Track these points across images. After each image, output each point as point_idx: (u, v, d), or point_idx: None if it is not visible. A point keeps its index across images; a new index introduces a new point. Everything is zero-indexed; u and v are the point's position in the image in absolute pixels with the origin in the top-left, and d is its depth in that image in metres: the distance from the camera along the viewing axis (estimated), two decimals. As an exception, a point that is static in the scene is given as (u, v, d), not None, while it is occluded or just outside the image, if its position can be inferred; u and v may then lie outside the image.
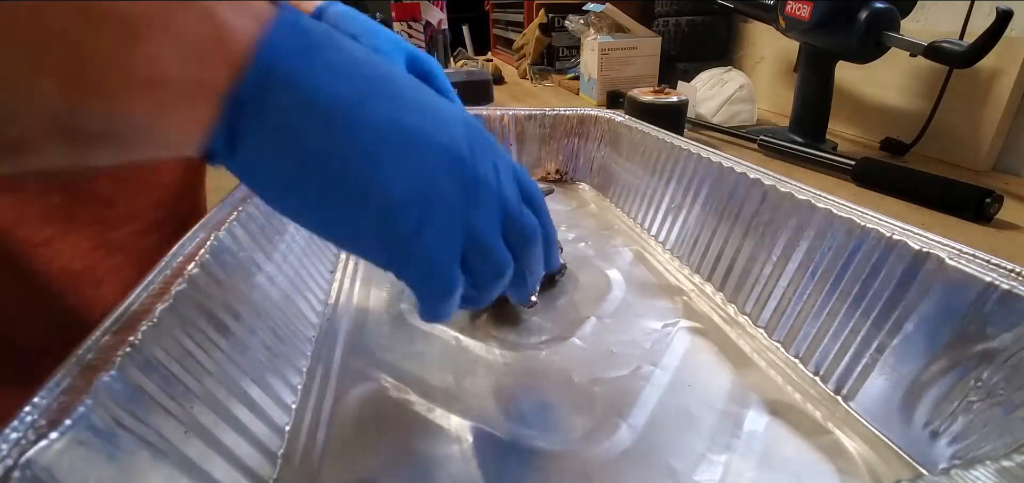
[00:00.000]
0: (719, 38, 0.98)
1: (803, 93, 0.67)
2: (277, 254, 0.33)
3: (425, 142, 0.20)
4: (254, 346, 0.26)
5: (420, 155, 0.20)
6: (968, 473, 0.15)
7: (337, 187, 0.19)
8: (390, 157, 0.19)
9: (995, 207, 0.45)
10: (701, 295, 0.38)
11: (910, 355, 0.25)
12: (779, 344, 0.32)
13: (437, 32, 1.17)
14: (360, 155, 0.18)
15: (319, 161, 0.18)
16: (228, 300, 0.26)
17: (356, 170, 0.18)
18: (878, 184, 0.53)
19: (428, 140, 0.20)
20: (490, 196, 0.21)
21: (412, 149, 0.19)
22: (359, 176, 0.18)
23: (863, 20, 0.56)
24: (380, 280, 0.40)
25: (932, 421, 0.23)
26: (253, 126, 0.17)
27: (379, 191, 0.19)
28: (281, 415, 0.26)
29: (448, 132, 0.20)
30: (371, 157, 0.19)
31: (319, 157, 0.18)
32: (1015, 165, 0.58)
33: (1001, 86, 0.56)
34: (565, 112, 0.61)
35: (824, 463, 0.24)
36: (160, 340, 0.20)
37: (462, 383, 0.29)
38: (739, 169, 0.37)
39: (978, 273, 0.23)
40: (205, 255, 0.25)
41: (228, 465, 0.21)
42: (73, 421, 0.16)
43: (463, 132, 0.21)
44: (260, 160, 0.18)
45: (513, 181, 0.23)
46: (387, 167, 0.19)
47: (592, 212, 0.54)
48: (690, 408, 0.27)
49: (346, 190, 0.19)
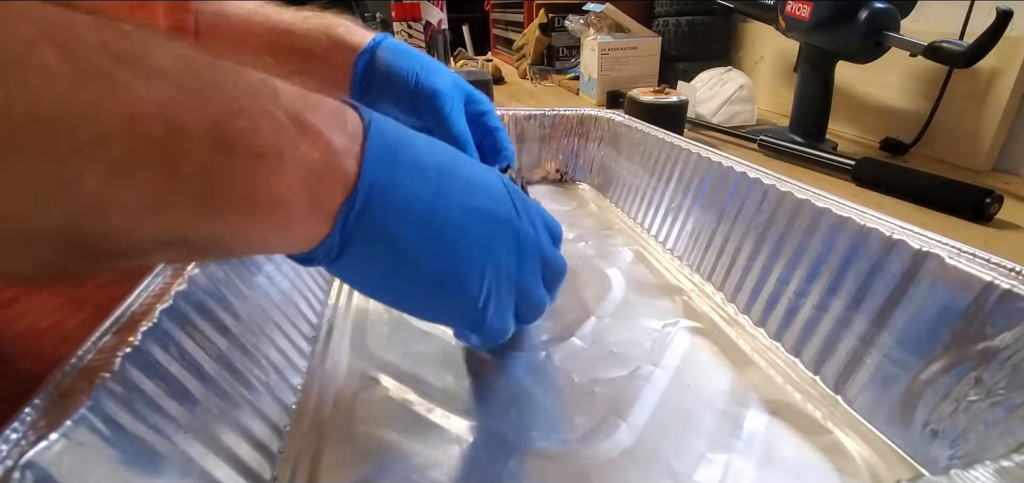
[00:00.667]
0: (719, 38, 0.98)
1: (803, 93, 0.67)
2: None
3: (491, 218, 0.23)
4: (254, 346, 0.26)
5: (488, 232, 0.22)
6: (968, 473, 0.15)
7: (428, 278, 0.21)
8: (466, 241, 0.21)
9: (995, 207, 0.45)
10: (701, 295, 0.38)
11: (910, 355, 0.25)
12: (779, 344, 0.32)
13: (437, 32, 1.17)
14: (445, 248, 0.21)
15: (413, 258, 0.20)
16: (228, 300, 0.26)
17: (442, 262, 0.21)
18: (878, 184, 0.53)
19: (493, 216, 0.23)
20: (533, 249, 0.25)
21: (482, 227, 0.22)
22: (444, 267, 0.21)
23: (863, 20, 0.56)
24: (380, 280, 0.40)
25: (932, 421, 0.23)
26: (358, 236, 0.19)
27: (460, 277, 0.22)
28: (281, 415, 0.26)
29: (501, 203, 0.23)
30: (453, 247, 0.21)
31: (413, 255, 0.20)
32: (1015, 165, 0.58)
33: (1001, 86, 0.56)
34: (565, 112, 0.61)
35: (824, 463, 0.24)
36: (160, 340, 0.20)
37: (462, 383, 0.29)
38: (739, 169, 0.37)
39: (978, 273, 0.23)
40: (205, 255, 0.25)
41: (228, 465, 0.21)
42: (73, 422, 0.16)
43: (507, 195, 0.24)
44: (361, 263, 0.20)
45: (544, 227, 0.27)
46: (464, 251, 0.21)
47: (592, 212, 0.54)
48: (690, 408, 0.27)
49: (435, 280, 0.21)
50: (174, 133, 0.14)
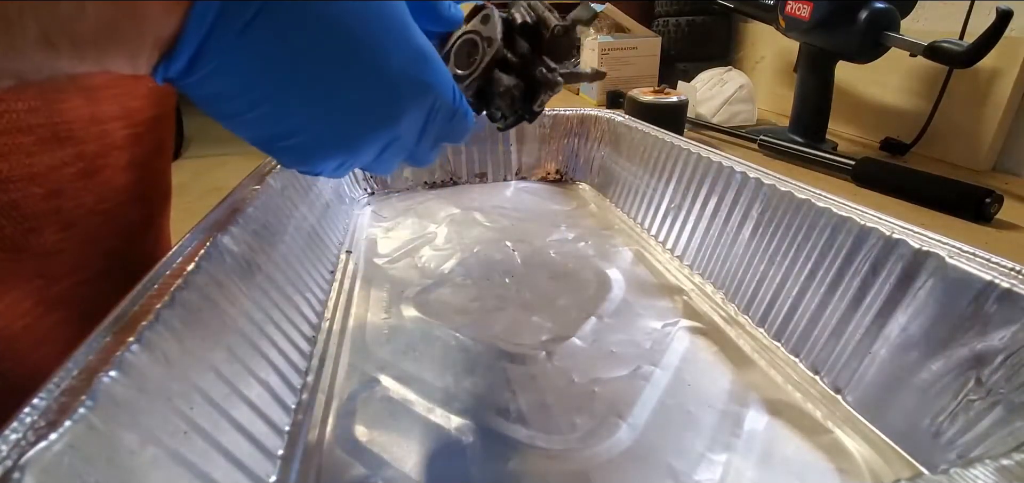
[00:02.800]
0: (719, 38, 0.98)
1: (803, 93, 0.67)
2: (277, 254, 0.33)
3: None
4: (254, 346, 0.26)
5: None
6: (968, 472, 0.15)
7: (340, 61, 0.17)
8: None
9: (995, 207, 0.46)
10: (701, 294, 0.38)
11: (910, 354, 0.25)
12: (779, 343, 0.32)
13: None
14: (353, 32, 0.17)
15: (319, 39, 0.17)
16: (228, 300, 0.26)
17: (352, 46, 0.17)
18: (878, 184, 0.53)
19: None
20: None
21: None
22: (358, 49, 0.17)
23: (863, 20, 0.56)
24: (380, 281, 0.40)
25: (932, 420, 0.23)
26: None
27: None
28: (281, 415, 0.26)
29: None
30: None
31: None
32: (1015, 165, 0.58)
33: (1001, 86, 0.56)
34: (565, 112, 0.61)
35: (824, 462, 0.24)
36: (160, 340, 0.20)
37: (462, 383, 0.29)
38: (739, 169, 0.37)
39: (978, 272, 0.23)
40: (204, 256, 0.25)
41: (228, 465, 0.21)
42: (73, 422, 0.16)
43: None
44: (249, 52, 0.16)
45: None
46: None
47: (592, 212, 0.54)
48: (690, 408, 0.27)
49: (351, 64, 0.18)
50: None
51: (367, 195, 0.57)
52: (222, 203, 0.32)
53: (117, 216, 0.34)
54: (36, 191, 0.28)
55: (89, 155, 0.30)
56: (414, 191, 0.59)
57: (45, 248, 0.30)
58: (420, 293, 0.38)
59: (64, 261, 0.31)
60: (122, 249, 0.35)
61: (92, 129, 0.30)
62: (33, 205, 0.28)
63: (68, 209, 0.30)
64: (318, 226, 0.42)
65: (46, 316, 0.31)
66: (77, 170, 0.29)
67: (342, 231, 0.48)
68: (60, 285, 0.31)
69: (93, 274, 0.33)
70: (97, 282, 0.33)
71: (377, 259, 0.44)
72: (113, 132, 0.31)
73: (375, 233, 0.49)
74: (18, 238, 0.28)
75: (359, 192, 0.57)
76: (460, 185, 0.60)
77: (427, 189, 0.59)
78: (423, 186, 0.60)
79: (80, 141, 0.29)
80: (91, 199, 0.31)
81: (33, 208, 0.28)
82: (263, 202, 0.33)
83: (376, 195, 0.58)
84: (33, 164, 0.27)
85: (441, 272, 0.41)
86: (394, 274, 0.41)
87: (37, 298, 0.30)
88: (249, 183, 0.34)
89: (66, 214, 0.30)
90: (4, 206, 0.27)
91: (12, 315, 0.29)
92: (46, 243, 0.30)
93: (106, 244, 0.33)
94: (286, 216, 0.36)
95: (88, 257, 0.32)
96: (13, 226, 0.28)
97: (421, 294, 0.38)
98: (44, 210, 0.28)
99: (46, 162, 0.28)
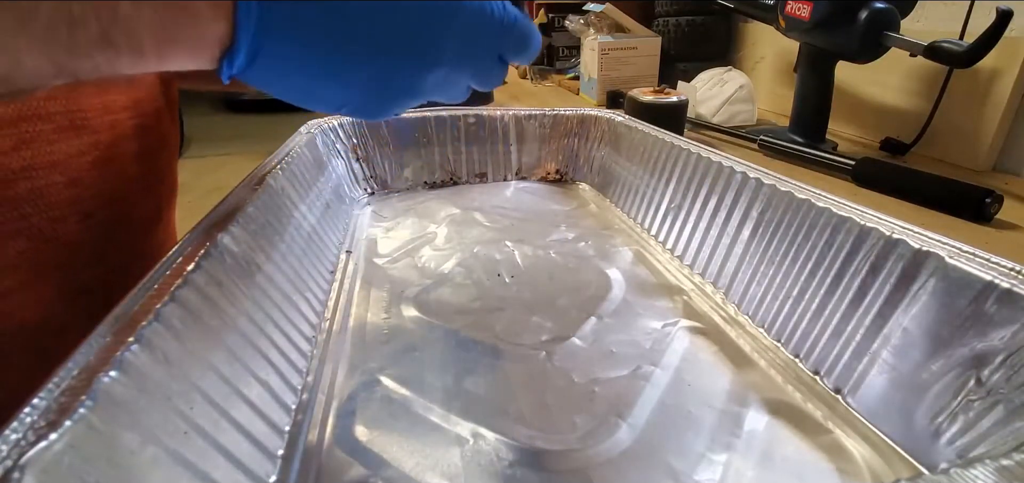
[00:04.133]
0: (719, 38, 0.98)
1: (803, 93, 0.67)
2: (277, 254, 0.33)
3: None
4: (254, 346, 0.26)
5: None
6: (968, 472, 0.15)
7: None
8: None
9: (995, 207, 0.46)
10: (701, 294, 0.38)
11: (910, 354, 0.25)
12: (779, 343, 0.32)
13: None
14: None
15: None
16: (228, 300, 0.26)
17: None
18: (878, 184, 0.54)
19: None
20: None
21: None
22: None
23: (863, 20, 0.56)
24: (380, 281, 0.40)
25: (932, 420, 0.23)
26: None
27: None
28: (281, 415, 0.26)
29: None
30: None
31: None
32: (1015, 165, 0.58)
33: (1001, 86, 0.56)
34: (565, 112, 0.61)
35: (824, 462, 0.24)
36: (160, 340, 0.20)
37: (462, 383, 0.29)
38: (739, 169, 0.38)
39: (978, 272, 0.23)
40: (204, 255, 0.25)
41: (228, 465, 0.21)
42: (73, 422, 0.16)
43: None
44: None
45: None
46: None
47: (592, 212, 0.54)
48: (690, 408, 0.27)
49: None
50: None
51: (367, 195, 0.57)
52: (222, 203, 0.32)
53: (130, 208, 0.34)
54: (58, 180, 0.28)
55: (103, 144, 0.30)
56: (414, 191, 0.59)
57: (69, 238, 0.30)
58: (420, 293, 0.38)
59: (85, 252, 0.31)
60: (135, 242, 0.36)
61: (105, 118, 0.30)
62: (57, 194, 0.28)
63: (87, 199, 0.30)
64: (318, 226, 0.42)
65: (69, 307, 0.31)
66: (93, 158, 0.30)
67: (342, 231, 0.48)
68: (82, 276, 0.31)
69: (111, 268, 0.34)
70: (115, 274, 0.34)
71: (377, 259, 0.44)
72: (123, 122, 0.32)
73: (375, 233, 0.49)
74: (45, 228, 0.28)
75: (359, 192, 0.57)
76: (460, 185, 0.60)
77: (427, 189, 0.59)
78: (423, 186, 0.60)
79: (95, 130, 0.30)
80: (107, 189, 0.31)
81: (57, 197, 0.28)
82: (263, 202, 0.33)
83: (376, 195, 0.58)
84: (54, 152, 0.28)
85: (441, 272, 0.41)
86: (394, 274, 0.41)
87: (60, 289, 0.31)
88: (249, 183, 0.34)
89: (85, 204, 0.30)
90: (30, 195, 0.27)
91: (35, 307, 0.30)
92: (70, 233, 0.30)
93: (121, 236, 0.34)
94: (286, 216, 0.36)
95: (106, 250, 0.33)
96: (39, 215, 0.28)
97: (421, 294, 0.38)
98: (66, 199, 0.29)
99: (65, 150, 0.28)
